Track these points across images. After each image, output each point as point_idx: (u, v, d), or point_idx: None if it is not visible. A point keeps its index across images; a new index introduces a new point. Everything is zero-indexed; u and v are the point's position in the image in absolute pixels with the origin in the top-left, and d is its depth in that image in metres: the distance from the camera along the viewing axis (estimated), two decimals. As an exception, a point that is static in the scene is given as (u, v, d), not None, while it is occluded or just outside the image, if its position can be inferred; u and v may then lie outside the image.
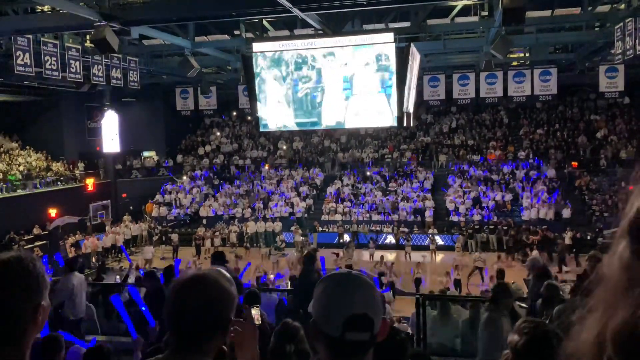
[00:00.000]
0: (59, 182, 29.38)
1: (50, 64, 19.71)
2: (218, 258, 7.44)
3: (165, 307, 1.52)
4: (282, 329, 2.46)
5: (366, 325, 1.30)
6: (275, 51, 18.18)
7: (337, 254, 21.23)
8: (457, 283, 18.80)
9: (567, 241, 22.38)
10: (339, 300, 1.33)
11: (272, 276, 16.53)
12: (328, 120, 17.89)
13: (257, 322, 1.77)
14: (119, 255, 25.14)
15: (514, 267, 21.09)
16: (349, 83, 17.50)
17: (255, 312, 1.80)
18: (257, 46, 18.28)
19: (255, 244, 26.67)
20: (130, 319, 4.76)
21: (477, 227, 25.38)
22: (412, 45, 17.46)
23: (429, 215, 27.30)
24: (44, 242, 24.67)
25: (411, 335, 8.67)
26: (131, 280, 12.23)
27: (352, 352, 1.30)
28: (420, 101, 24.69)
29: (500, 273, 18.08)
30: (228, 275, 1.58)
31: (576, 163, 29.88)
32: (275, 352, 2.25)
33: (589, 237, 22.75)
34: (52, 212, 26.24)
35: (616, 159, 29.06)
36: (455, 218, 27.02)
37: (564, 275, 18.88)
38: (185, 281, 1.53)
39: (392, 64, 17.13)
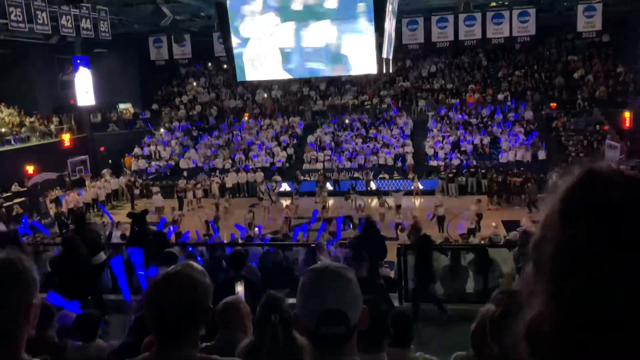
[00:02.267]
0: (34, 138, 28.80)
1: (15, 15, 18.99)
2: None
3: (144, 307, 1.57)
4: (266, 300, 2.54)
5: (340, 319, 1.36)
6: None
7: (323, 204, 21.49)
8: (441, 220, 19.28)
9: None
10: (314, 296, 1.39)
11: (256, 229, 16.69)
12: (308, 68, 17.66)
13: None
14: (100, 211, 25.04)
15: (495, 210, 21.64)
16: (327, 28, 17.16)
17: (240, 288, 1.86)
18: (230, -8, 17.72)
19: (237, 195, 26.73)
20: (126, 281, 4.82)
21: (454, 171, 25.69)
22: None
23: (410, 159, 27.48)
24: (23, 199, 24.40)
25: (393, 280, 8.95)
26: (115, 238, 12.26)
27: (328, 344, 1.37)
28: (399, 45, 24.42)
29: (479, 217, 18.60)
30: (200, 267, 1.64)
31: (555, 104, 30.12)
32: (260, 322, 2.33)
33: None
34: (30, 168, 25.85)
35: (592, 100, 29.34)
36: (434, 163, 27.29)
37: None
38: (160, 281, 1.57)
39: (370, 7, 16.78)
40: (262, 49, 17.85)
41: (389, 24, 17.07)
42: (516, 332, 0.67)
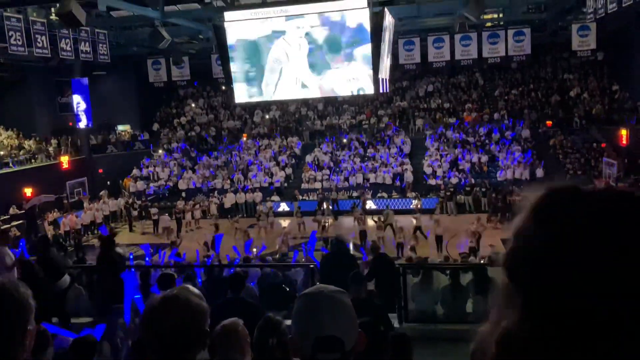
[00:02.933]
0: (32, 160, 28.82)
1: (15, 39, 19.14)
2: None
3: (141, 331, 1.56)
4: (264, 323, 2.52)
5: (335, 346, 1.35)
6: (248, 19, 17.87)
7: (319, 223, 21.42)
8: (438, 239, 19.21)
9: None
10: (309, 322, 1.38)
11: (255, 250, 16.58)
12: (307, 90, 17.80)
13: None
14: (98, 232, 24.94)
15: (492, 229, 21.55)
16: (325, 50, 17.33)
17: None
18: (228, 15, 17.95)
19: (236, 215, 26.70)
20: (130, 303, 4.79)
21: (451, 189, 25.70)
22: (386, 9, 17.32)
23: (408, 177, 27.50)
24: (21, 221, 24.32)
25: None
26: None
27: None
28: (395, 65, 24.62)
29: (477, 235, 18.52)
30: (196, 290, 1.63)
31: (550, 122, 30.28)
32: (258, 345, 2.31)
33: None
34: (28, 191, 25.81)
35: (589, 117, 29.51)
36: (433, 181, 27.31)
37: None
38: (158, 304, 1.56)
39: (367, 29, 16.97)
40: (260, 71, 17.99)
41: (386, 45, 17.25)
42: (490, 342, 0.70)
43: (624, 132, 26.16)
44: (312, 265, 8.58)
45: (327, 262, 8.36)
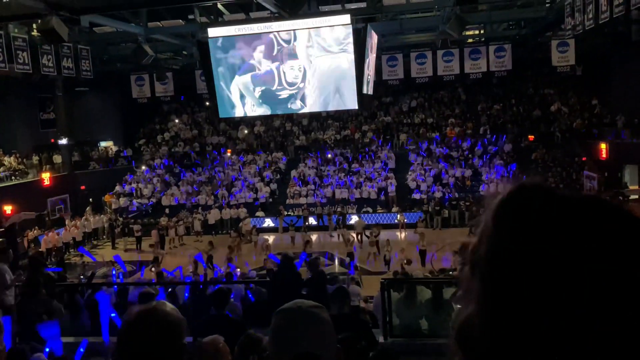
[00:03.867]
0: (12, 177, 28.42)
1: (-5, 55, 18.97)
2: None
3: (117, 346, 1.53)
4: (245, 340, 2.48)
5: None
6: (231, 36, 17.93)
7: (307, 241, 21.31)
8: (422, 253, 19.24)
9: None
10: (286, 338, 1.37)
11: (246, 267, 16.44)
12: (290, 105, 17.85)
13: None
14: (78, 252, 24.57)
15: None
16: (308, 66, 17.43)
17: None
18: (212, 31, 18.01)
19: (220, 232, 26.51)
20: (107, 322, 4.69)
21: (437, 205, 25.82)
22: (369, 26, 17.51)
23: (392, 192, 27.59)
24: (1, 239, 23.89)
25: (373, 318, 8.90)
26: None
27: None
28: (379, 81, 24.82)
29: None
30: (171, 305, 1.61)
31: (532, 137, 30.68)
32: (239, 362, 2.28)
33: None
34: (8, 208, 25.40)
35: (569, 132, 29.95)
36: (417, 196, 27.43)
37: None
38: (134, 318, 1.54)
39: (350, 46, 17.12)
40: (244, 86, 18.02)
41: (369, 62, 17.41)
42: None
43: (603, 146, 26.59)
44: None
45: (275, 278, 8.90)
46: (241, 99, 17.81)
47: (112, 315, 4.86)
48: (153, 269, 17.19)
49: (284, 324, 1.37)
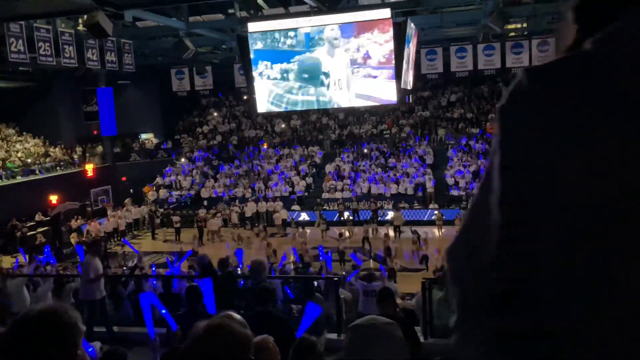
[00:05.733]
0: (58, 168, 29.30)
1: (44, 50, 19.49)
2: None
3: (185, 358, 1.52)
4: (300, 343, 2.47)
5: None
6: (271, 30, 17.97)
7: (341, 234, 21.31)
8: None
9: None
10: (360, 354, 1.35)
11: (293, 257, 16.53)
12: (329, 99, 17.81)
13: None
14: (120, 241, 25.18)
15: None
16: (349, 61, 17.34)
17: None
18: (252, 26, 18.08)
19: (256, 224, 26.75)
20: (151, 319, 4.76)
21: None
22: (409, 20, 17.28)
23: (430, 188, 27.29)
24: (46, 228, 24.71)
25: (413, 313, 8.76)
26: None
27: None
28: (418, 75, 24.53)
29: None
30: (239, 317, 1.60)
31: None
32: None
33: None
34: (53, 198, 26.22)
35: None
36: (455, 192, 27.05)
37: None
38: (202, 333, 1.53)
39: (390, 40, 16.94)
40: (283, 81, 18.05)
41: (408, 52, 17.19)
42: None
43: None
44: (336, 278, 8.52)
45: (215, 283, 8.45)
46: (279, 93, 17.85)
47: (163, 311, 4.93)
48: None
49: (358, 340, 1.35)
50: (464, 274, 0.66)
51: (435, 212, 24.84)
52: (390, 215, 25.34)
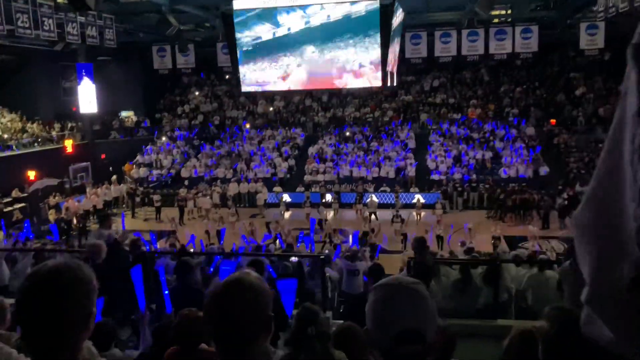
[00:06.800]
0: (36, 144, 28.76)
1: (22, 22, 19.03)
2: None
3: (205, 317, 1.52)
4: (302, 312, 2.50)
5: (417, 339, 1.32)
6: (257, 8, 17.79)
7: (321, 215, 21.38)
8: (440, 239, 19.21)
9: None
10: (389, 315, 1.34)
11: (277, 242, 16.46)
12: (311, 80, 17.77)
13: None
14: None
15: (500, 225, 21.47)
16: (332, 40, 17.27)
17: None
18: (237, 3, 17.87)
19: (238, 205, 26.66)
20: (143, 293, 4.71)
21: (457, 185, 25.66)
22: (396, 2, 17.24)
23: (411, 172, 27.47)
24: (24, 204, 24.33)
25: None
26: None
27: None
28: (402, 59, 24.52)
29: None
30: (256, 274, 1.59)
31: (554, 121, 30.21)
32: (297, 335, 2.29)
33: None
34: (31, 174, 25.78)
35: (594, 117, 29.44)
36: (435, 177, 27.28)
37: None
38: (222, 288, 1.52)
39: (376, 21, 16.90)
40: (266, 61, 17.93)
41: (394, 35, 17.20)
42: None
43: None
44: (322, 257, 8.58)
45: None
46: (262, 73, 17.76)
47: (166, 292, 4.87)
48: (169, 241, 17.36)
49: (387, 300, 1.35)
50: (599, 241, 0.56)
51: (417, 195, 25.04)
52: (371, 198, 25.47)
